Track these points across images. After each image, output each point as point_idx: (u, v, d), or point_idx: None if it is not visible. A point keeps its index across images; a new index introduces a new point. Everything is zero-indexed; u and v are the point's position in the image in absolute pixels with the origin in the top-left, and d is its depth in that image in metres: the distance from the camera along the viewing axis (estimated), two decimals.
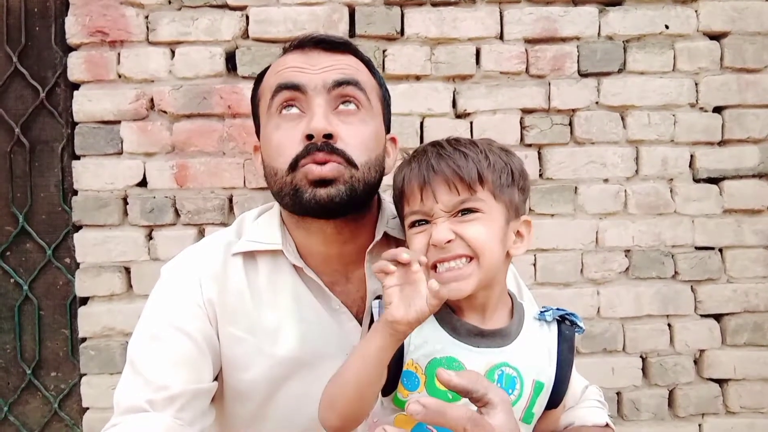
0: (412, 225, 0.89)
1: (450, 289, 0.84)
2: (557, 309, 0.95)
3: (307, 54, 0.95)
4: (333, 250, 1.00)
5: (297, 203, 0.94)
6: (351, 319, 1.01)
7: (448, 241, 0.84)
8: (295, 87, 0.92)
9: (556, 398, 0.92)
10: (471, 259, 0.85)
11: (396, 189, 0.92)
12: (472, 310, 0.89)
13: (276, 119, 0.95)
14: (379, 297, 0.92)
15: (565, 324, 0.94)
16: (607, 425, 1.00)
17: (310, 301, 1.00)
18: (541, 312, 0.94)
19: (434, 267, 0.86)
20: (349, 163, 0.92)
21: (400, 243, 1.04)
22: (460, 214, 0.85)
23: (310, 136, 0.90)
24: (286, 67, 0.95)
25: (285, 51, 0.99)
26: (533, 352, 0.90)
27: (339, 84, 0.93)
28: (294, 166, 0.92)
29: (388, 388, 0.89)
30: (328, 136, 0.90)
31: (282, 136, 0.93)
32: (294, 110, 0.94)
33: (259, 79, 1.03)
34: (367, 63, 1.01)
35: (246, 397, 1.01)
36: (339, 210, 0.93)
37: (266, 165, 0.98)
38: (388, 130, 1.04)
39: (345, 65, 0.95)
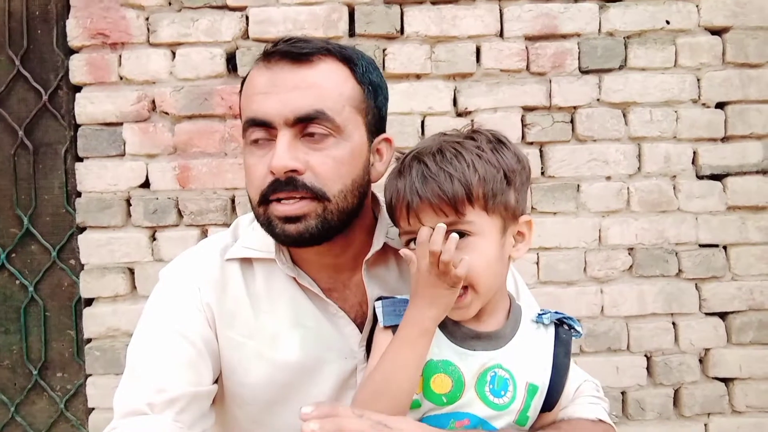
0: (407, 243, 0.89)
1: (453, 315, 0.86)
2: (555, 312, 0.94)
3: (273, 69, 0.90)
4: (327, 260, 0.99)
5: (272, 235, 0.94)
6: (349, 323, 1.00)
7: None
8: (261, 124, 0.90)
9: (550, 401, 0.92)
10: (466, 288, 0.84)
11: (386, 203, 0.91)
12: None
13: (248, 146, 0.94)
14: (380, 298, 0.92)
15: (563, 328, 0.93)
16: (600, 420, 0.97)
17: (307, 306, 0.99)
18: (539, 315, 0.94)
19: None
20: (319, 196, 0.89)
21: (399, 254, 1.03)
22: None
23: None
24: (255, 91, 0.91)
25: (262, 55, 0.94)
26: (528, 355, 0.90)
27: (300, 120, 0.88)
28: (263, 200, 0.91)
29: None
30: (293, 171, 0.88)
31: (253, 165, 0.92)
32: (263, 141, 0.92)
33: (241, 85, 0.98)
34: (348, 61, 0.94)
35: (246, 402, 1.00)
36: (313, 242, 0.92)
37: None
38: (381, 131, 1.00)
39: (310, 84, 0.89)
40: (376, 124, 0.99)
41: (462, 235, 0.82)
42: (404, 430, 0.78)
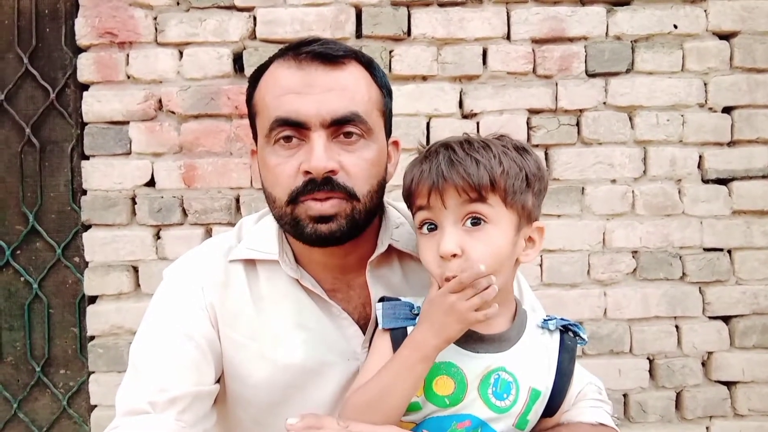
0: (421, 225, 0.88)
1: None
2: (561, 319, 0.94)
3: (305, 70, 0.90)
4: (333, 261, 0.99)
5: (297, 234, 0.94)
6: (352, 324, 1.00)
7: (454, 255, 0.82)
8: (294, 124, 0.89)
9: (553, 407, 0.91)
10: None
11: (405, 187, 0.91)
12: None
13: (271, 146, 0.93)
14: (383, 299, 0.93)
15: (568, 334, 0.93)
16: (601, 424, 0.97)
17: (310, 307, 0.99)
18: (545, 320, 0.94)
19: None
20: (351, 196, 0.90)
21: (403, 254, 1.03)
22: (468, 222, 0.83)
23: (309, 172, 0.88)
24: (285, 90, 0.90)
25: (282, 53, 0.95)
26: (532, 359, 0.90)
27: (337, 122, 0.89)
28: (293, 200, 0.91)
29: None
30: (329, 171, 0.88)
31: (280, 164, 0.91)
32: (293, 141, 0.91)
33: (254, 80, 0.98)
34: (369, 65, 0.97)
35: (248, 403, 1.01)
36: (341, 241, 0.92)
37: (264, 187, 0.97)
38: (389, 134, 1.02)
39: (343, 86, 0.90)
40: (390, 127, 1.01)
41: (478, 222, 0.83)
42: None
